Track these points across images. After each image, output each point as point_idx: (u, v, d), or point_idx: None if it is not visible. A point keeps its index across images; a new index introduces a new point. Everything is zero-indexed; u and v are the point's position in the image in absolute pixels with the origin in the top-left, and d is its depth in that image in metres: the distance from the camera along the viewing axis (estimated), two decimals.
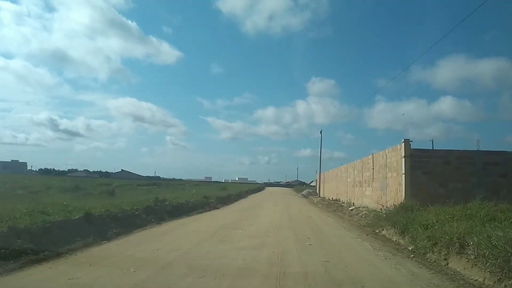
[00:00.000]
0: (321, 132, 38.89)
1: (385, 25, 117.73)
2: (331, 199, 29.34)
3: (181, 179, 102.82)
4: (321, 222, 12.90)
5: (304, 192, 42.87)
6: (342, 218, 15.44)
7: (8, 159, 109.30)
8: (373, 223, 11.97)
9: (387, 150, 14.97)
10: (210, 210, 16.64)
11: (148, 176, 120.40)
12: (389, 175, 14.52)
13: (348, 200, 22.72)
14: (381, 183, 15.58)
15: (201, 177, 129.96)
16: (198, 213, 15.11)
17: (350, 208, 17.87)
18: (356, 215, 15.80)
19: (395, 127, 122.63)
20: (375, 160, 16.84)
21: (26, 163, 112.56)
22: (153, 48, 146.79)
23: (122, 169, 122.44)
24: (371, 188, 17.36)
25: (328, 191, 33.69)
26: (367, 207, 17.30)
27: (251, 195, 38.55)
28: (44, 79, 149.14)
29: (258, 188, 60.80)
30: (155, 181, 60.33)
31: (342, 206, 20.51)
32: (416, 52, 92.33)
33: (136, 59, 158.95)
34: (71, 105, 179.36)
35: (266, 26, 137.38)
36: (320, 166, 39.46)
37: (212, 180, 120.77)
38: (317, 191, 41.15)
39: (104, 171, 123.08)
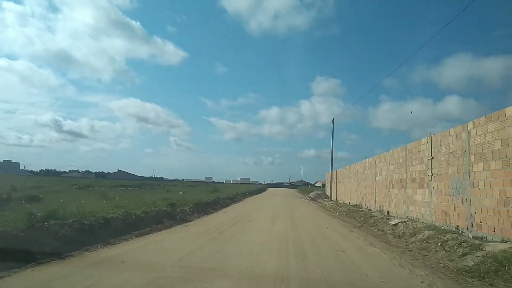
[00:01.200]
0: (332, 121, 32.27)
1: (391, 24, 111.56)
2: (348, 203, 22.84)
3: (183, 179, 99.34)
4: (370, 270, 5.96)
5: (311, 195, 36.21)
6: (390, 243, 8.93)
7: (9, 159, 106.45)
8: (483, 269, 5.48)
9: (469, 124, 8.45)
10: (167, 228, 10.25)
11: (150, 176, 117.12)
12: (477, 167, 8.01)
13: (378, 207, 16.21)
14: (454, 181, 9.09)
15: (202, 177, 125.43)
16: (137, 235, 8.68)
17: (392, 223, 11.37)
18: (410, 236, 9.32)
19: (400, 127, 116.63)
20: (435, 145, 10.33)
21: (19, 163, 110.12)
22: (157, 48, 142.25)
23: (118, 170, 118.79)
24: (427, 191, 10.87)
25: (343, 193, 27.15)
26: (420, 221, 10.87)
27: (248, 198, 32.00)
28: (48, 80, 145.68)
29: (259, 189, 54.20)
30: (143, 181, 54.34)
31: (373, 216, 13.99)
32: (423, 51, 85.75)
33: (140, 60, 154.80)
34: (75, 106, 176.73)
35: (271, 25, 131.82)
36: (332, 162, 32.83)
37: (213, 180, 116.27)
38: (329, 193, 34.55)
39: (106, 172, 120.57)
